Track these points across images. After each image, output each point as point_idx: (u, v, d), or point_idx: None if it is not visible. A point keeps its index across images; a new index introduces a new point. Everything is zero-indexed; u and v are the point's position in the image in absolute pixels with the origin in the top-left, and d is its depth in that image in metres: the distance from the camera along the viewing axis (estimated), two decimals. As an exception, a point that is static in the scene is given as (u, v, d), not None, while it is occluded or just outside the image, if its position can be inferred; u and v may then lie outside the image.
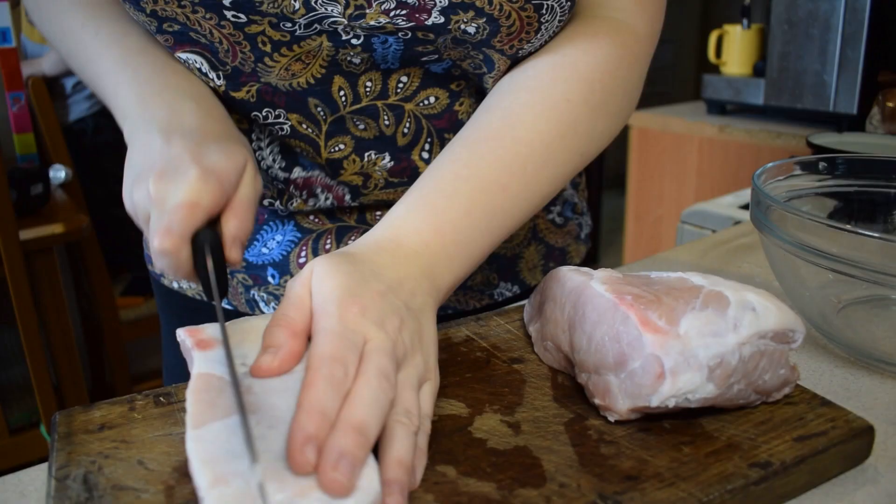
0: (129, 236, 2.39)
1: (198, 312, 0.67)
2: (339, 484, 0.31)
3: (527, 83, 0.52)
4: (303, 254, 0.62)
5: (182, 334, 0.42)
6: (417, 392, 0.39)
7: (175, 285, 0.68)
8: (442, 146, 0.58)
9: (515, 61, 0.54)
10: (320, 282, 0.40)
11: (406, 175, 0.59)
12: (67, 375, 1.69)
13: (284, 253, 0.62)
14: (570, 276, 0.47)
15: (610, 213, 4.03)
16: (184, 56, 0.52)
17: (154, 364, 2.28)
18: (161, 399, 0.43)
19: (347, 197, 0.60)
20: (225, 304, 0.65)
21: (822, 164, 0.63)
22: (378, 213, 0.62)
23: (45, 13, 0.59)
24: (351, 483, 0.31)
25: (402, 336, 0.39)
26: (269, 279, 0.63)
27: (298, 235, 0.62)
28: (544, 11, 0.50)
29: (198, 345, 0.41)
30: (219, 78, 0.53)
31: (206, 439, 0.34)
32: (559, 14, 0.52)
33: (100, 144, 2.31)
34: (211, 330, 0.42)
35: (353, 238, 0.62)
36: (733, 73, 1.98)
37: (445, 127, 0.58)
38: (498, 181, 0.48)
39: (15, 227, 1.47)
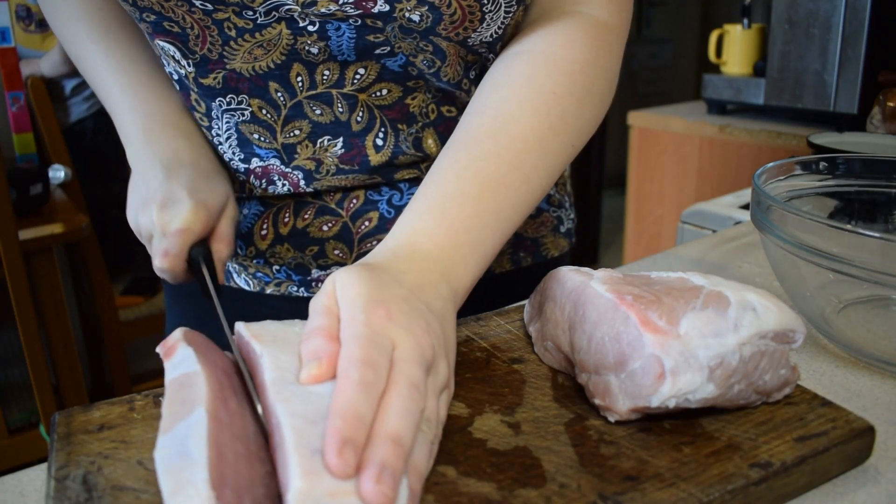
0: (128, 236, 2.39)
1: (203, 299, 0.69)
2: (384, 496, 0.30)
3: (510, 80, 0.53)
4: (265, 226, 0.67)
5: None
6: (438, 399, 0.39)
7: None
8: (396, 135, 0.61)
9: (466, 48, 0.57)
10: (344, 291, 0.40)
11: (356, 163, 0.61)
12: (67, 375, 1.69)
13: (249, 226, 0.67)
14: (571, 276, 0.47)
15: (610, 213, 4.03)
16: (161, 43, 0.57)
17: (154, 364, 2.28)
18: (160, 399, 0.43)
19: (302, 182, 0.63)
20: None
21: (822, 164, 0.63)
22: (332, 196, 0.64)
23: (56, 14, 0.64)
24: (394, 494, 0.31)
25: (430, 340, 0.39)
26: (238, 251, 0.69)
27: (261, 209, 0.67)
28: (486, 2, 0.53)
29: (165, 354, 0.41)
30: (189, 65, 0.58)
31: (168, 445, 0.34)
32: (504, 6, 0.54)
33: (100, 144, 2.31)
34: (177, 334, 0.43)
35: (309, 212, 0.65)
36: (734, 73, 1.98)
37: (397, 118, 0.60)
38: (500, 179, 0.49)
39: (14, 227, 1.47)
